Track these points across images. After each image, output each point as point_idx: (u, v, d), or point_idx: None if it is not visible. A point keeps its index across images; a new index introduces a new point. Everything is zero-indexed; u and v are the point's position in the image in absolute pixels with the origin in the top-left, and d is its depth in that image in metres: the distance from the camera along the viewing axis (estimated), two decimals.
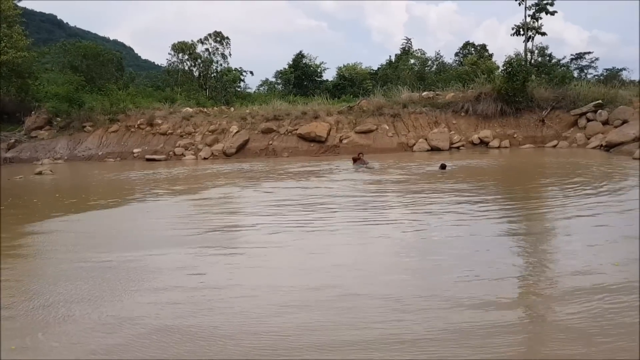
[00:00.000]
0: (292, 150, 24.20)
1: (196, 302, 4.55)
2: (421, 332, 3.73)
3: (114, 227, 8.45)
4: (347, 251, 6.30)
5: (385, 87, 29.09)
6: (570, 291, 4.40)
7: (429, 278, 5.09)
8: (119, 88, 31.65)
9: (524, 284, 4.77)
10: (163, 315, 4.24)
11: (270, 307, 4.33)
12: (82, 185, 15.42)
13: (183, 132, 26.17)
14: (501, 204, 9.40)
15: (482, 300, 4.28)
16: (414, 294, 4.51)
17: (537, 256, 5.71)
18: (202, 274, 5.43)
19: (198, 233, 7.58)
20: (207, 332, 3.87)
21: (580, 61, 40.32)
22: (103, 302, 4.59)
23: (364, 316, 4.06)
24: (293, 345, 3.60)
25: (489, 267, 5.20)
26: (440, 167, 14.76)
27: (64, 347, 3.72)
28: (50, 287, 5.13)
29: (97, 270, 5.63)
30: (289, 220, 8.36)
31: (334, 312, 4.17)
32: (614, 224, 7.05)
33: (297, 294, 4.71)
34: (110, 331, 3.96)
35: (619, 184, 10.80)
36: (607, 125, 22.00)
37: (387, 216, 8.65)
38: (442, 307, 4.18)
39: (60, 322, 4.17)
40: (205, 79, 40.10)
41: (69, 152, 26.49)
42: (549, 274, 5.01)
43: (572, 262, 5.28)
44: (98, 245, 6.90)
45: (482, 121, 24.45)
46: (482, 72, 28.48)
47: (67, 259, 6.23)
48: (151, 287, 5.01)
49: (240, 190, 12.71)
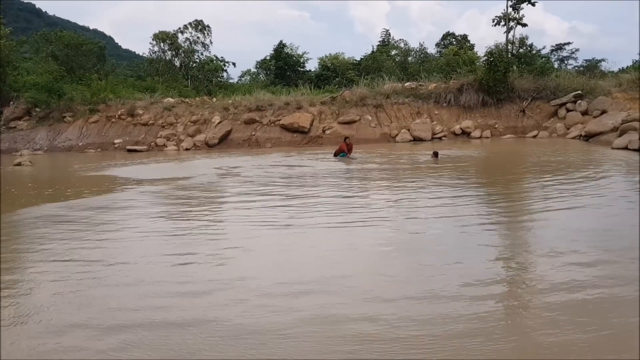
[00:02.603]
0: (275, 140, 24.16)
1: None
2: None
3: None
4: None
5: (368, 78, 29.13)
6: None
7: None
8: (100, 78, 31.25)
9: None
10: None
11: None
12: (62, 177, 15.24)
13: (165, 123, 25.98)
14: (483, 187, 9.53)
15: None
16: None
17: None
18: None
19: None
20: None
21: (561, 52, 40.70)
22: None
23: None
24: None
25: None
26: (432, 154, 15.19)
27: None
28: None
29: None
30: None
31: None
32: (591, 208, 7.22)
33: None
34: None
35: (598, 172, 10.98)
36: (586, 115, 22.34)
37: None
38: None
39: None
40: (187, 69, 39.73)
41: (48, 142, 26.16)
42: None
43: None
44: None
45: (464, 112, 24.67)
46: (464, 63, 28.65)
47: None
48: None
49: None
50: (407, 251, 5.55)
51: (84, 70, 32.90)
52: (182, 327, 3.61)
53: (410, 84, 26.95)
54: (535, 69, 26.49)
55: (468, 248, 5.50)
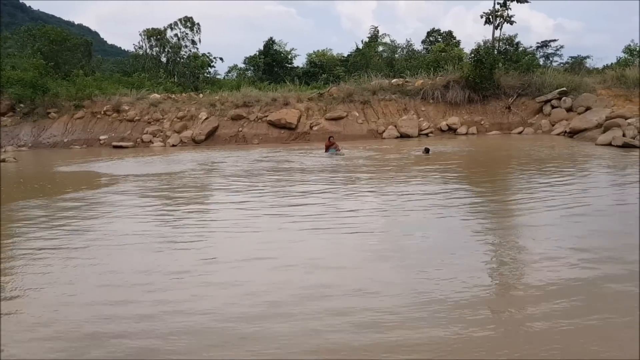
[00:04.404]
0: (263, 137, 24.09)
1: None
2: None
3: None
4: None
5: (355, 74, 29.11)
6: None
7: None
8: (86, 74, 30.90)
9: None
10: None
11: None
12: (47, 174, 15.12)
13: (151, 119, 25.77)
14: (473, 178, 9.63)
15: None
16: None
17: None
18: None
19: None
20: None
21: (546, 49, 40.98)
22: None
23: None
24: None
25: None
26: (424, 151, 15.53)
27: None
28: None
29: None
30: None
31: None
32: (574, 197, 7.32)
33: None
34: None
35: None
36: (571, 112, 22.53)
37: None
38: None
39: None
40: (174, 65, 39.37)
41: (33, 139, 25.85)
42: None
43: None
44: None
45: (450, 108, 24.78)
46: (450, 60, 28.73)
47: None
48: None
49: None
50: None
51: (70, 66, 32.50)
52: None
53: (397, 81, 26.99)
54: (521, 66, 26.63)
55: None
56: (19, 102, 27.52)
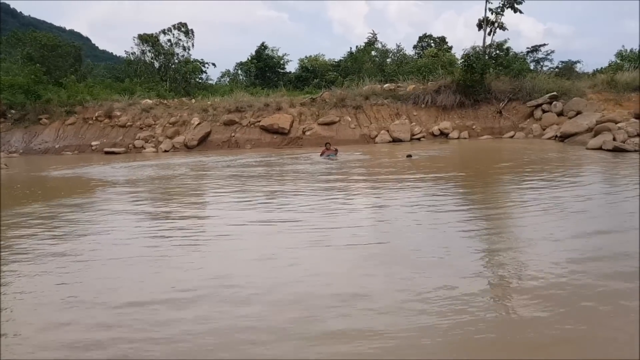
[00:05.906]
0: (255, 142, 24.11)
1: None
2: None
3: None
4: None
5: (347, 79, 29.18)
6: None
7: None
8: (78, 80, 30.80)
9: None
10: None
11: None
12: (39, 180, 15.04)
13: (143, 124, 25.73)
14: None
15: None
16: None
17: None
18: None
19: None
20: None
21: (536, 53, 41.14)
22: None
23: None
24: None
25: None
26: (407, 156, 15.77)
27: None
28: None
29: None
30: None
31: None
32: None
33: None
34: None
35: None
36: (561, 116, 22.66)
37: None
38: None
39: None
40: (166, 70, 39.30)
41: (24, 145, 25.76)
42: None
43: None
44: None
45: (442, 113, 24.92)
46: (442, 65, 28.87)
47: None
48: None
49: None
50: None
51: (61, 71, 32.38)
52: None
53: (389, 85, 27.11)
54: (512, 70, 26.78)
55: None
56: (10, 108, 27.40)
